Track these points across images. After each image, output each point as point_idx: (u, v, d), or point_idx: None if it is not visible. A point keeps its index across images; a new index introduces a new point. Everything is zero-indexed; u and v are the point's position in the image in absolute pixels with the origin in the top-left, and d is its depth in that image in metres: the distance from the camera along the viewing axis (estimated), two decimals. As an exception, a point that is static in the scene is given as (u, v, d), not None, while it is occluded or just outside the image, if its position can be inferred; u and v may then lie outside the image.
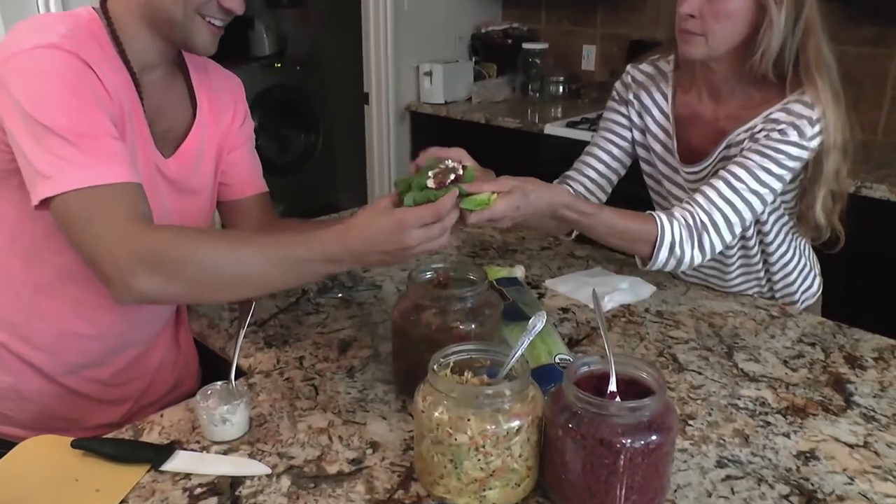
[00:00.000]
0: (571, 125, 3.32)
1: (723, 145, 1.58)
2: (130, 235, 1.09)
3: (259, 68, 4.56)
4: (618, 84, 1.79)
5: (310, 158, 4.95)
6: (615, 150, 1.77)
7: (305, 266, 1.14)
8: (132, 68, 1.25)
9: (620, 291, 1.64)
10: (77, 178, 1.09)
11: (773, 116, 1.51)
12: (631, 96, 1.74)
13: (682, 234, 1.47)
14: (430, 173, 1.18)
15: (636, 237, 1.48)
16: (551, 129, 3.34)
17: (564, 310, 1.59)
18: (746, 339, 1.48)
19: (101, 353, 1.39)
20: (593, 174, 1.77)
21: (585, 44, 4.04)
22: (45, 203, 1.11)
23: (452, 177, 1.18)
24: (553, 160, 3.34)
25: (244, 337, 1.29)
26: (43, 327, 1.33)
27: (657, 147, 1.72)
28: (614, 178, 1.80)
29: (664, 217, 1.48)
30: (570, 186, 1.77)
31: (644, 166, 1.79)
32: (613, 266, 1.79)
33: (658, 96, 1.71)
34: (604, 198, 1.79)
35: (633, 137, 1.77)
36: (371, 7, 3.82)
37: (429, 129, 3.91)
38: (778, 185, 1.50)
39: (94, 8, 1.26)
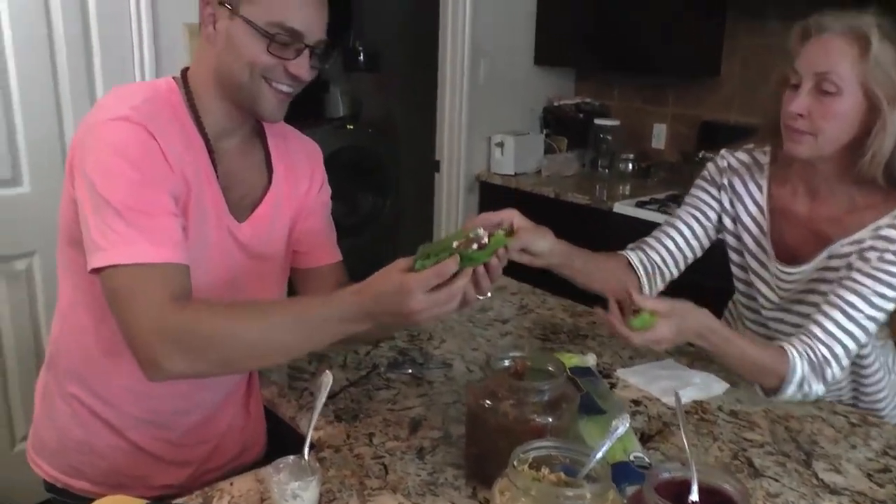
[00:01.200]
0: (640, 205, 3.31)
1: (825, 254, 1.55)
2: (162, 316, 1.13)
3: (332, 129, 4.63)
4: (711, 166, 1.78)
5: (377, 221, 5.00)
6: (697, 229, 1.76)
7: (325, 326, 1.17)
8: (207, 136, 1.30)
9: (693, 387, 1.62)
10: (123, 254, 1.14)
11: (884, 233, 1.47)
12: (725, 181, 1.73)
13: (808, 370, 1.44)
14: (454, 242, 1.16)
15: (766, 370, 1.46)
16: (620, 207, 3.34)
17: (636, 402, 1.58)
18: (826, 446, 1.44)
19: (169, 412, 1.42)
20: (672, 246, 1.76)
21: (656, 122, 4.05)
22: (97, 271, 1.16)
23: (475, 246, 1.16)
24: (621, 239, 3.30)
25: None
26: (113, 383, 1.37)
27: (748, 239, 1.71)
28: (690, 257, 1.78)
29: (794, 352, 1.44)
30: (646, 254, 1.77)
31: (732, 255, 1.78)
32: (686, 359, 1.77)
33: (752, 187, 1.69)
34: (676, 273, 1.78)
35: (719, 221, 1.75)
36: (448, 76, 3.90)
37: (498, 199, 3.94)
38: (892, 306, 1.47)
39: (174, 77, 1.33)
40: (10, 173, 2.56)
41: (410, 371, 1.67)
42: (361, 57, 5.48)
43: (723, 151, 1.77)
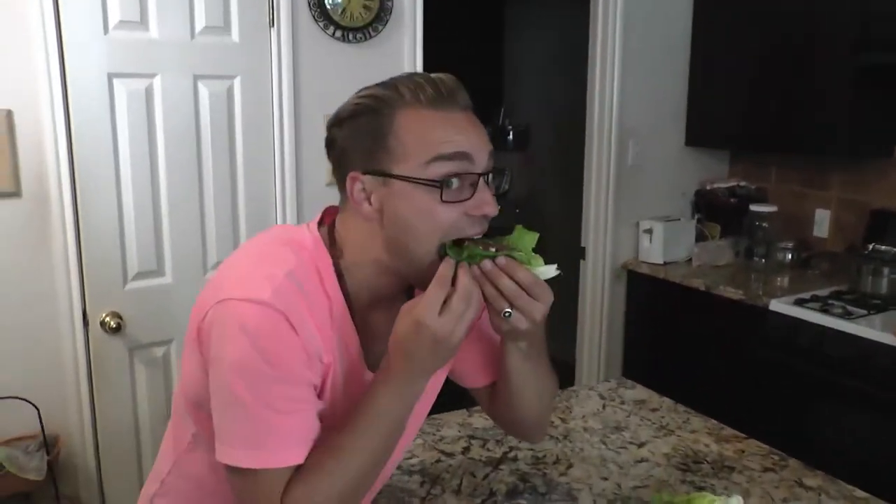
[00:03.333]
0: (799, 302, 3.04)
1: None
2: None
3: (478, 209, 4.61)
4: None
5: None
6: None
7: (391, 412, 1.12)
8: (351, 304, 1.18)
9: (859, 544, 1.40)
10: (245, 458, 1.08)
11: None
12: None
13: None
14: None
15: None
16: (777, 305, 3.07)
17: (788, 560, 1.38)
18: None
19: None
20: None
21: (819, 208, 3.76)
22: None
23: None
24: (777, 342, 3.07)
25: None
26: None
27: None
28: None
29: None
30: None
31: None
32: (850, 505, 1.55)
33: None
34: None
35: None
36: (594, 158, 3.77)
37: (645, 289, 3.75)
38: None
39: (321, 230, 1.21)
40: (155, 265, 2.65)
41: (529, 502, 1.53)
42: (510, 136, 5.47)
43: None
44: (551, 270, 1.15)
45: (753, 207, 3.73)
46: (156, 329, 2.68)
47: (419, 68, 3.01)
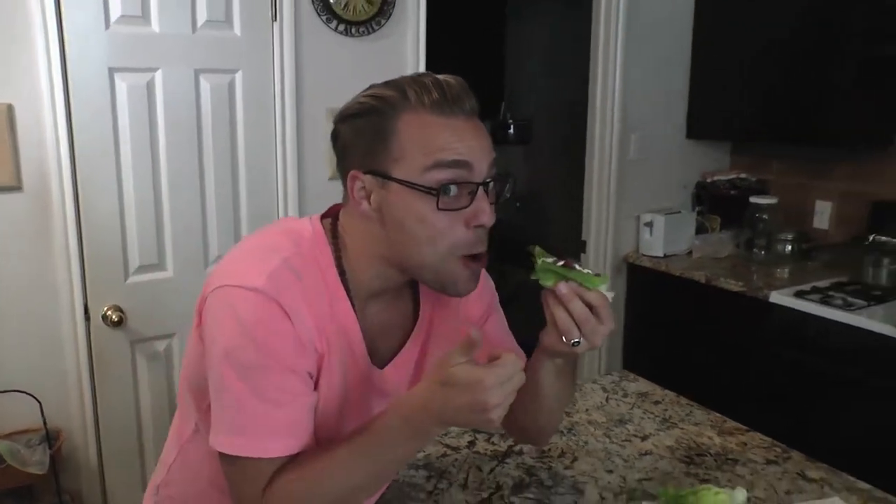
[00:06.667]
0: (800, 294, 3.04)
1: None
2: (269, 499, 1.09)
3: (477, 203, 4.62)
4: None
5: (522, 297, 4.90)
6: None
7: (397, 451, 1.08)
8: (352, 298, 1.19)
9: (862, 536, 1.41)
10: (240, 446, 1.09)
11: None
12: None
13: None
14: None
15: None
16: (777, 297, 3.07)
17: (793, 553, 1.38)
18: None
19: None
20: None
21: (819, 199, 3.76)
22: None
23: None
24: (778, 334, 3.08)
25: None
26: None
27: None
28: None
29: None
30: None
31: None
32: (856, 497, 1.55)
33: None
34: None
35: None
36: (596, 151, 3.77)
37: (646, 282, 3.75)
38: None
39: (323, 222, 1.22)
40: (157, 258, 2.65)
41: (535, 496, 1.54)
42: (511, 130, 5.46)
43: None
44: (609, 292, 1.15)
45: (754, 199, 3.74)
46: (157, 323, 2.68)
47: (422, 62, 3.01)
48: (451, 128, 1.10)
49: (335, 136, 1.19)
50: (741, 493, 1.48)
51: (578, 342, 1.14)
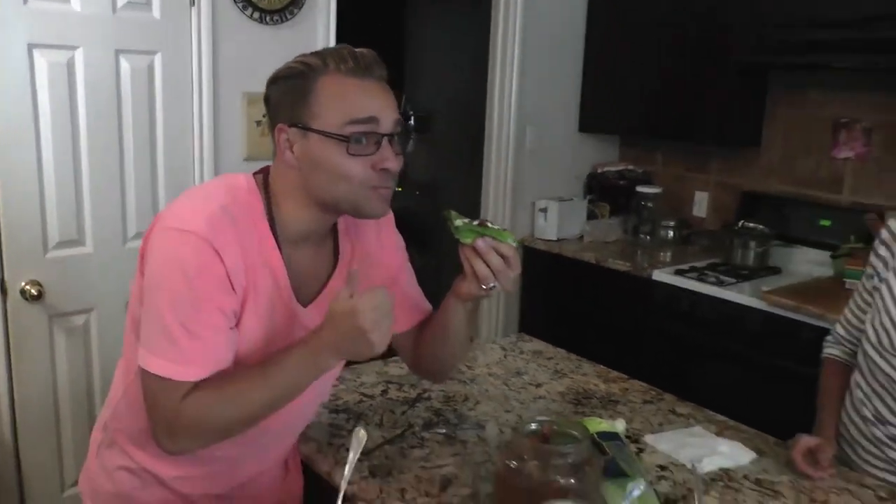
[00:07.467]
0: (679, 273, 3.36)
1: None
2: (180, 420, 1.27)
3: (379, 190, 4.78)
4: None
5: (422, 281, 5.09)
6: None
7: (295, 376, 1.29)
8: (280, 242, 1.36)
9: (720, 455, 1.65)
10: (161, 368, 1.27)
11: None
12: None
13: None
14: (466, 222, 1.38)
15: None
16: (659, 275, 3.39)
17: (662, 467, 1.62)
18: (847, 518, 1.47)
19: (217, 471, 1.50)
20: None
21: (698, 190, 4.11)
22: None
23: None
24: (660, 307, 3.38)
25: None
26: None
27: (887, 302, 1.72)
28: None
29: None
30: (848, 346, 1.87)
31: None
32: (715, 427, 1.81)
33: None
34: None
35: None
36: (494, 143, 4.01)
37: (540, 264, 4.00)
38: None
39: (255, 176, 1.40)
40: (76, 234, 2.72)
41: (444, 431, 1.74)
42: (412, 120, 5.66)
43: None
44: (515, 243, 1.39)
45: (640, 189, 4.07)
46: (76, 298, 2.74)
47: (332, 50, 3.15)
48: (362, 89, 1.31)
49: (267, 98, 1.38)
50: (621, 423, 1.72)
51: (494, 286, 1.37)
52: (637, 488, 1.10)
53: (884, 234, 1.77)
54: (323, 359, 1.28)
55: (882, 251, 1.76)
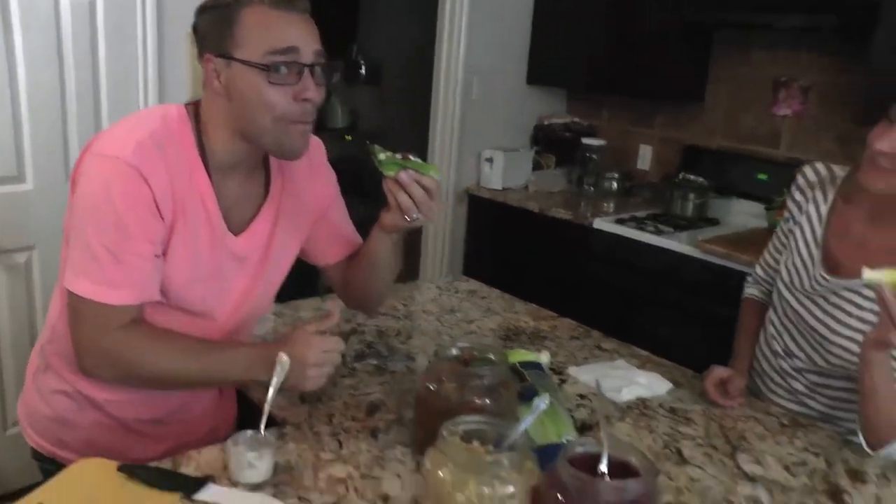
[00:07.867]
0: (620, 222, 3.44)
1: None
2: (98, 340, 1.33)
3: (330, 139, 4.75)
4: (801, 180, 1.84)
5: (368, 228, 5.13)
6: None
7: (228, 369, 1.40)
8: (210, 169, 1.39)
9: (638, 385, 1.73)
10: (83, 287, 1.31)
11: None
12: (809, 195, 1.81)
13: None
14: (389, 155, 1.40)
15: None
16: (600, 223, 3.47)
17: (582, 396, 1.69)
18: (753, 442, 1.55)
19: (153, 396, 1.53)
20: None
21: (642, 144, 4.18)
22: None
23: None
24: (599, 254, 3.47)
25: (280, 392, 1.40)
26: None
27: (800, 242, 1.79)
28: None
29: None
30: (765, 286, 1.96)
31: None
32: (637, 361, 1.88)
33: (819, 196, 1.78)
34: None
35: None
36: (441, 93, 4.04)
37: (485, 212, 4.06)
38: None
39: (187, 106, 1.41)
40: (16, 171, 2.69)
41: (375, 362, 1.79)
42: (363, 70, 5.65)
43: (817, 165, 1.84)
44: (438, 175, 1.44)
45: (585, 141, 4.13)
46: (17, 235, 2.72)
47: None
48: (284, 20, 1.33)
49: (195, 26, 1.40)
50: (545, 356, 1.78)
51: (417, 218, 1.42)
52: (543, 402, 1.16)
53: (800, 179, 1.84)
54: (259, 366, 1.36)
55: (797, 196, 1.83)
